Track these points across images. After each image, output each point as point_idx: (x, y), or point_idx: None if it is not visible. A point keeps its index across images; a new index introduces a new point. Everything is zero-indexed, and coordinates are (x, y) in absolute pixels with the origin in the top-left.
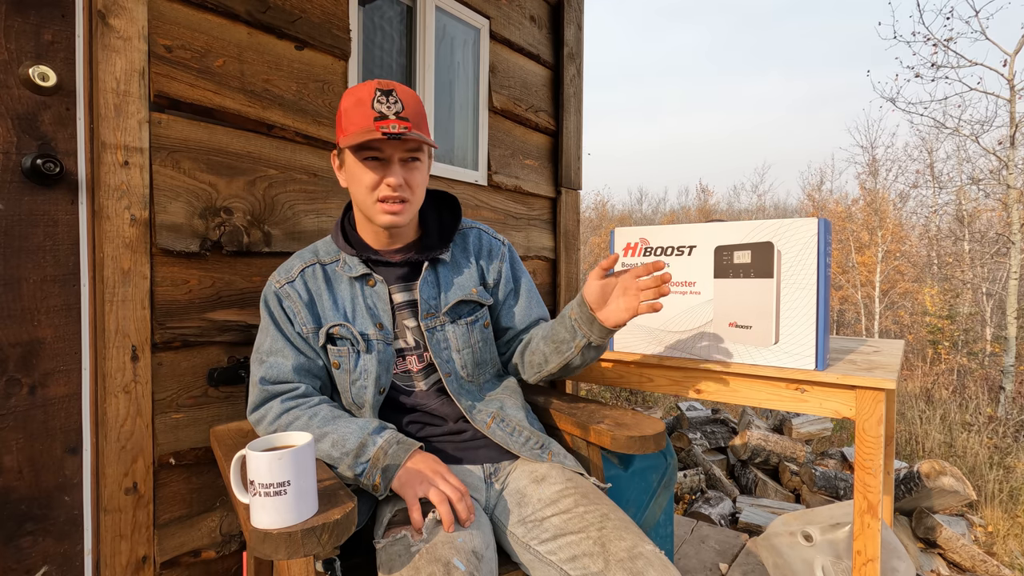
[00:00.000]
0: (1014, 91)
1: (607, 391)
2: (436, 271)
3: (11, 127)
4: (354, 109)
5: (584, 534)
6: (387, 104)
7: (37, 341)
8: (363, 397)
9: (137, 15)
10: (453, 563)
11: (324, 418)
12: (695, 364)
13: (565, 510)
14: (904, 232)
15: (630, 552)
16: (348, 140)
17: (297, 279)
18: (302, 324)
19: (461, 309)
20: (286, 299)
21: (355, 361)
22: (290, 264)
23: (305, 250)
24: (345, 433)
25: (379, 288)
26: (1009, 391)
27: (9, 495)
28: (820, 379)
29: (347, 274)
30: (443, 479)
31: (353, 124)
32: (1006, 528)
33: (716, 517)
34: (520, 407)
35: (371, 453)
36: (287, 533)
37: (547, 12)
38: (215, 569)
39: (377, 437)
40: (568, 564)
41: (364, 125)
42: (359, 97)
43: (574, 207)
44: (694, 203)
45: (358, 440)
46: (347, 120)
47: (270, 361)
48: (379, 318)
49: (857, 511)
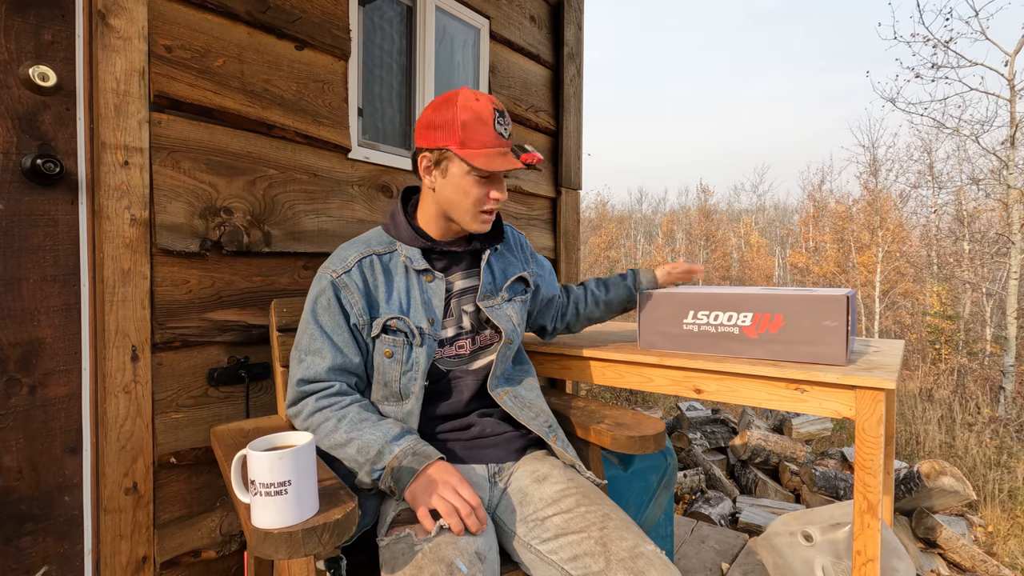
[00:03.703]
0: (1014, 91)
1: (607, 391)
2: (491, 259)
3: (11, 127)
4: (477, 125)
5: (585, 534)
6: (504, 125)
7: (37, 341)
8: (411, 388)
9: (137, 15)
10: (456, 564)
11: (352, 421)
12: (695, 364)
13: (567, 510)
14: (905, 232)
15: (631, 552)
16: (485, 161)
17: (354, 268)
18: (359, 315)
19: (517, 287)
20: (343, 289)
21: (407, 353)
22: (343, 254)
23: (355, 241)
24: (369, 440)
25: (436, 284)
26: (1009, 391)
27: (9, 495)
28: (820, 379)
29: (410, 266)
30: (454, 491)
31: (479, 142)
32: (1006, 528)
33: (716, 517)
34: (533, 389)
35: (386, 460)
36: (288, 533)
37: (547, 12)
38: (215, 569)
39: (395, 445)
40: (569, 564)
41: (494, 146)
42: (479, 114)
43: (574, 207)
44: (694, 203)
45: (378, 447)
46: (468, 134)
47: (308, 361)
48: (433, 313)
49: (857, 511)
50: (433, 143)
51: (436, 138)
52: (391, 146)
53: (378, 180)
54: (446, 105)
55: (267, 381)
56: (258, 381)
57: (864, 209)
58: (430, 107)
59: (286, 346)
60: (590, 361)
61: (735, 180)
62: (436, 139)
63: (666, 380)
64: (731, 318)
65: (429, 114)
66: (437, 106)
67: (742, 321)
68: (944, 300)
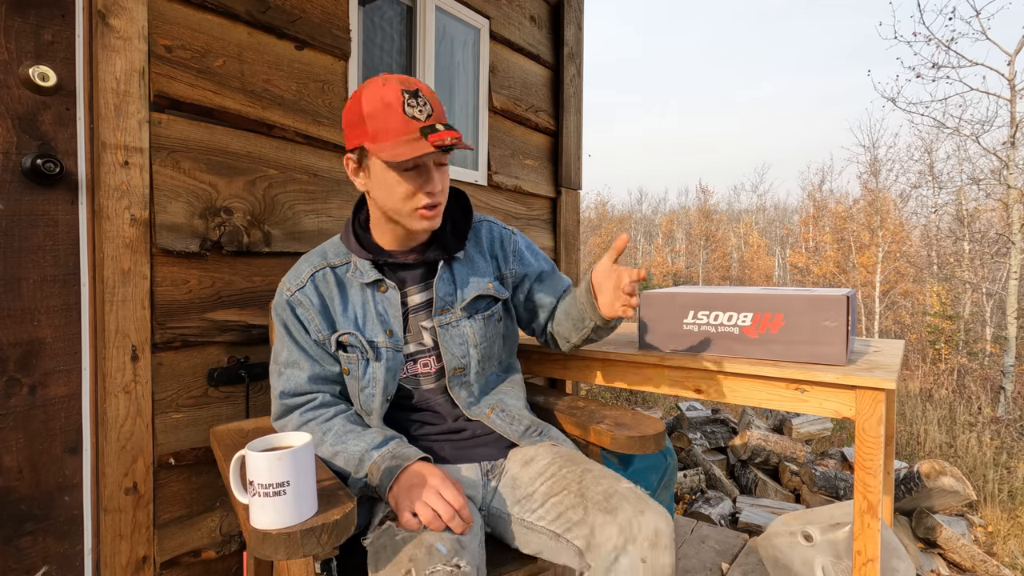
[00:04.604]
0: (1015, 91)
1: (607, 391)
2: (452, 268)
3: (11, 127)
4: (384, 114)
5: (566, 491)
6: (418, 107)
7: (37, 341)
8: (371, 404)
9: (137, 15)
10: (436, 547)
11: (336, 434)
12: (695, 364)
13: (550, 476)
14: (905, 232)
15: (605, 493)
16: (392, 152)
17: (307, 284)
18: (317, 331)
19: (478, 304)
20: (299, 307)
21: (364, 369)
22: (299, 270)
23: (312, 253)
24: (354, 452)
25: (391, 294)
26: (1009, 391)
27: (9, 495)
28: (820, 379)
29: (358, 280)
30: (436, 494)
31: (388, 132)
32: (1006, 528)
33: (716, 517)
34: (520, 398)
35: (367, 467)
36: (287, 533)
37: (547, 12)
38: (215, 569)
39: (375, 452)
40: (555, 524)
41: (404, 133)
42: (385, 100)
43: (574, 207)
44: (694, 203)
45: (359, 456)
46: (377, 126)
47: (287, 374)
48: (389, 324)
49: (857, 511)
50: (350, 142)
51: (352, 136)
52: None
53: None
54: (354, 98)
55: (267, 381)
56: (258, 381)
57: (864, 209)
58: (345, 108)
59: None
60: (590, 361)
61: (735, 180)
62: (352, 137)
63: (666, 380)
64: (731, 318)
65: (345, 112)
66: (350, 101)
67: (742, 321)
68: (944, 300)
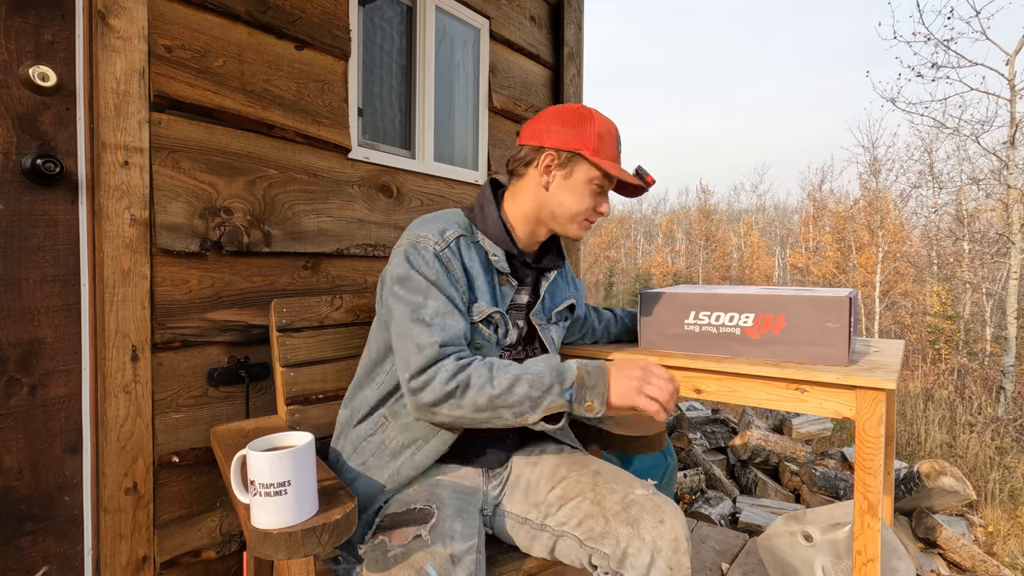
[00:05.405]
0: (1014, 91)
1: None
2: (554, 279)
3: (11, 127)
4: (609, 140)
5: (581, 496)
6: (621, 149)
7: (37, 341)
8: None
9: (137, 15)
10: (425, 570)
11: (503, 367)
12: (695, 364)
13: (561, 478)
14: (905, 232)
15: (623, 502)
16: (616, 170)
17: (453, 244)
18: (462, 294)
19: (564, 313)
20: (447, 263)
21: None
22: (439, 226)
23: (440, 218)
24: (537, 372)
25: (507, 289)
26: (1009, 391)
27: (9, 495)
28: (820, 379)
29: (494, 264)
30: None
31: (608, 155)
32: (1006, 528)
33: (716, 517)
34: None
35: (574, 373)
36: (287, 533)
37: (547, 12)
38: (215, 569)
39: (571, 362)
40: (578, 530)
41: (616, 160)
42: (610, 131)
43: None
44: (694, 203)
45: (554, 371)
46: (601, 146)
47: (440, 323)
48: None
49: (857, 511)
50: (566, 145)
51: (570, 141)
52: (391, 146)
53: (378, 180)
54: (581, 117)
55: (267, 381)
56: (258, 381)
57: (864, 209)
58: (558, 113)
59: (286, 346)
60: None
61: (735, 180)
62: (570, 142)
63: None
64: (733, 319)
65: (557, 119)
66: (570, 114)
67: (744, 322)
68: (944, 300)
